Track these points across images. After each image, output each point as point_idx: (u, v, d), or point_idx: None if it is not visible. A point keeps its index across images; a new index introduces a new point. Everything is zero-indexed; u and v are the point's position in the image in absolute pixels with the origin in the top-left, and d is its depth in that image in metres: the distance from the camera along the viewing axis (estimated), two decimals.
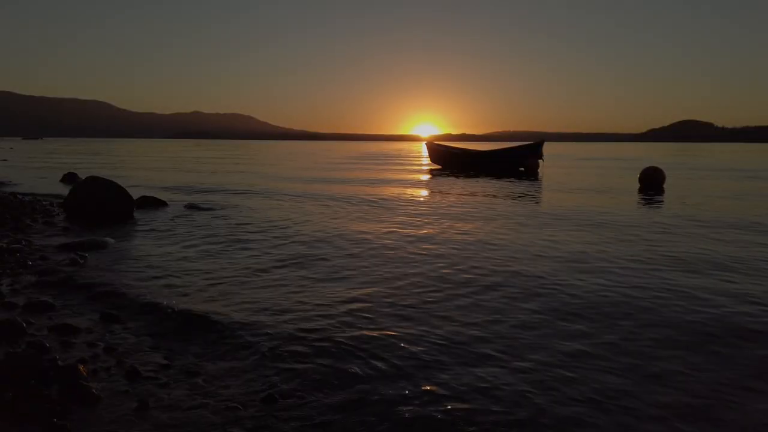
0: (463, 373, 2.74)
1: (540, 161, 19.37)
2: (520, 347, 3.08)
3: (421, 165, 24.47)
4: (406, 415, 2.35)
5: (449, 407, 2.41)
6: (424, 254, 5.47)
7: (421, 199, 10.76)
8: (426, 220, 7.69)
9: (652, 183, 13.27)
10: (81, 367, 2.70)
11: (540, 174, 17.89)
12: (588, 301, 3.92)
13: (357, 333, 3.27)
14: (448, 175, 16.50)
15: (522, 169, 19.36)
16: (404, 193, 11.45)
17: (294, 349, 3.03)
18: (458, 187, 13.11)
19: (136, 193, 9.31)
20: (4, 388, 2.49)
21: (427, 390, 2.57)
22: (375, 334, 3.26)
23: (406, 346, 3.08)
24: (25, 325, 3.30)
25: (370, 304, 3.82)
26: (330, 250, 5.63)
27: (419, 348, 3.06)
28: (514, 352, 3.01)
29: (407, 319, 3.53)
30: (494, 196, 10.95)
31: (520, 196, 10.81)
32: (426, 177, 16.47)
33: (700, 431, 2.27)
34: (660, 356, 2.98)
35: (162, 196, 10.00)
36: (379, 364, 2.85)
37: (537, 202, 9.38)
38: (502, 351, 3.03)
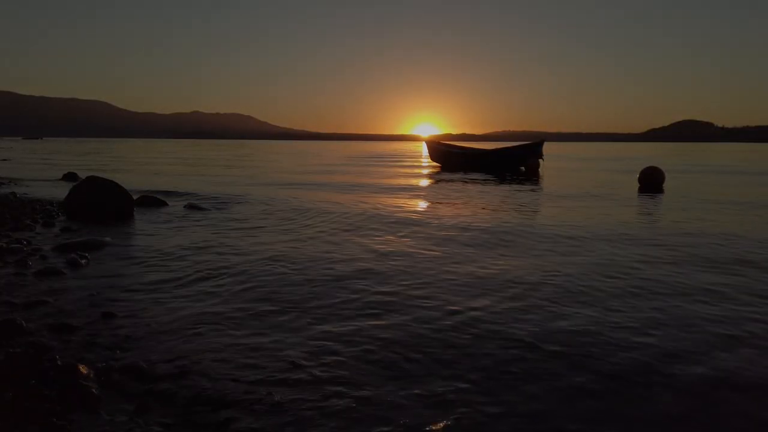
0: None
1: (540, 161, 19.42)
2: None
3: (421, 166, 24.44)
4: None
5: None
6: (430, 280, 5.45)
7: (422, 209, 10.74)
8: (430, 242, 7.65)
9: (651, 183, 13.27)
10: (81, 367, 2.69)
11: (540, 173, 17.90)
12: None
13: (361, 343, 3.28)
14: (446, 179, 16.40)
15: (522, 168, 19.41)
16: (406, 204, 11.23)
17: (295, 352, 3.04)
18: (456, 191, 13.09)
19: (136, 193, 9.31)
20: (4, 388, 2.49)
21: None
22: (376, 340, 3.28)
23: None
24: (25, 325, 3.31)
25: (379, 324, 3.82)
26: (334, 267, 5.57)
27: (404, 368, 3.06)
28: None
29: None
30: (493, 209, 10.92)
31: (519, 205, 10.76)
32: (425, 182, 16.34)
33: None
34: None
35: (162, 195, 9.99)
36: (377, 378, 2.86)
37: (536, 214, 9.17)
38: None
